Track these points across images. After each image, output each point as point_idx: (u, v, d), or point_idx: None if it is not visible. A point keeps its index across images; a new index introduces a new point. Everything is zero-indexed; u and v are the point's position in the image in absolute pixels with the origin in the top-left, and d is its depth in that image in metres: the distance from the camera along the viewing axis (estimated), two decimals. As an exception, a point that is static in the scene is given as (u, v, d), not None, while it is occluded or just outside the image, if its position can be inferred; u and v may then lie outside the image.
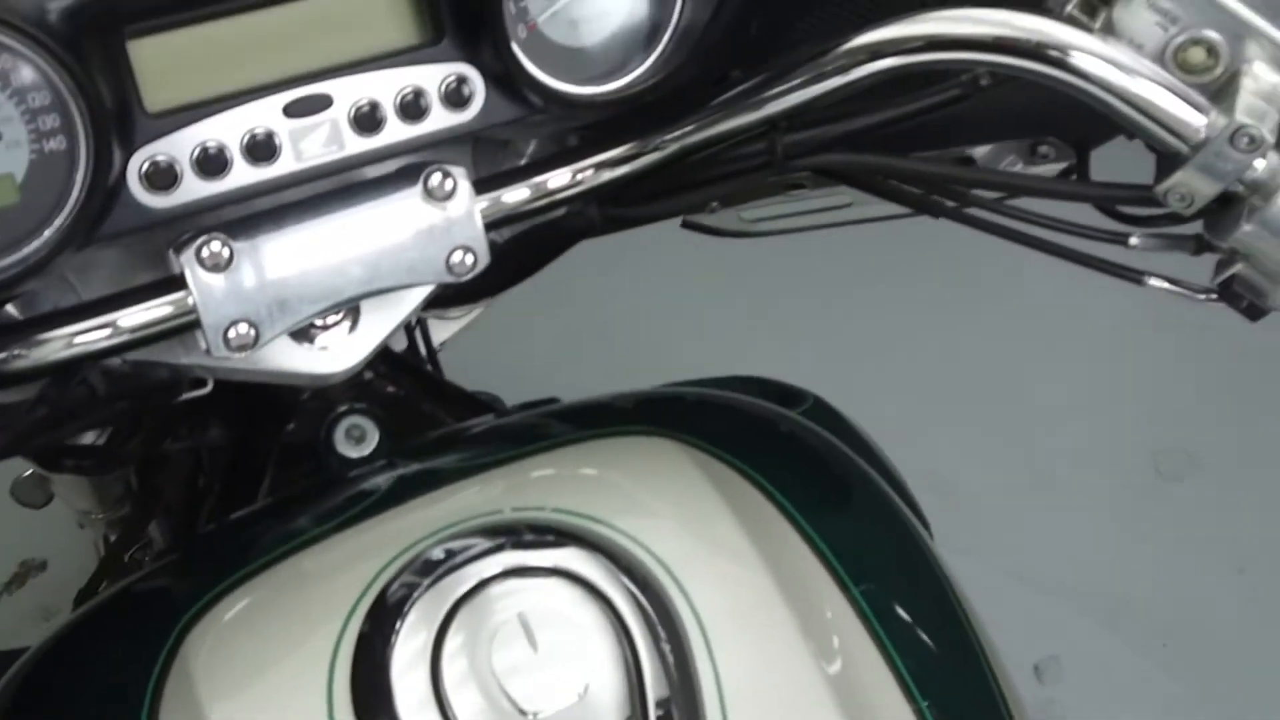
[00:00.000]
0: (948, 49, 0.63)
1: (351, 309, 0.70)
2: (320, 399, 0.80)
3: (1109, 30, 0.63)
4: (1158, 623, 2.08)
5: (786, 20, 0.73)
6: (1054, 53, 0.62)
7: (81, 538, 1.54)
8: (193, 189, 0.62)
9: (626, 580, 0.61)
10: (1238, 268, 0.64)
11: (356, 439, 0.79)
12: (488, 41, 0.63)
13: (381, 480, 0.70)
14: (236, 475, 0.84)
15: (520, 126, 0.70)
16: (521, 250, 0.80)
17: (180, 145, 0.61)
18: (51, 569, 2.01)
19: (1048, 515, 2.17)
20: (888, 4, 0.72)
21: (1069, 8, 0.64)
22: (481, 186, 0.68)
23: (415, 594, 0.59)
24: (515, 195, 0.69)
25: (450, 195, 0.66)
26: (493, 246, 0.70)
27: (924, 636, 0.69)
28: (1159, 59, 0.62)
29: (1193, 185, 0.62)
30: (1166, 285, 0.70)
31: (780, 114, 0.69)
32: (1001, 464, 2.28)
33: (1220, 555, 2.17)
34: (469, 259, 0.67)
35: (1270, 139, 0.60)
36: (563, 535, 0.63)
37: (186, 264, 0.61)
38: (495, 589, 0.60)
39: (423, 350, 0.97)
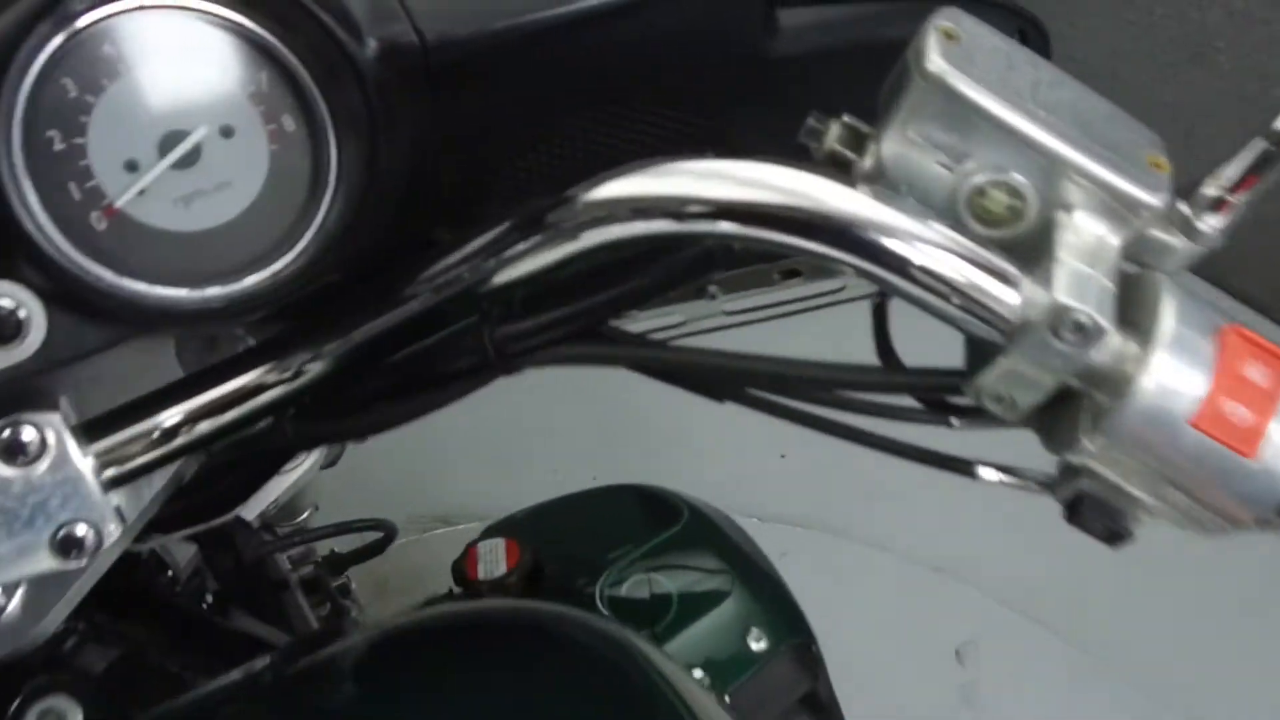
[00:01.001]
0: (683, 216, 0.46)
1: None
2: (4, 673, 0.63)
3: (878, 175, 0.46)
4: (1061, 599, 2.14)
5: (486, 168, 0.55)
6: (817, 221, 0.45)
7: None
8: None
9: None
10: (1084, 483, 0.47)
11: (52, 729, 0.63)
12: (21, 252, 0.46)
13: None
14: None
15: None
16: (217, 473, 0.63)
17: None
18: None
19: (963, 510, 2.09)
20: (614, 146, 0.55)
21: (829, 141, 0.47)
22: (92, 433, 0.51)
23: None
24: (141, 440, 0.52)
25: (39, 454, 0.49)
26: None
27: None
28: (949, 211, 0.46)
29: (1012, 384, 0.46)
30: (1003, 478, 0.54)
31: (484, 297, 0.52)
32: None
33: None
34: (89, 534, 0.50)
35: (1105, 323, 0.44)
36: None
37: None
38: None
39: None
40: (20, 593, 0.54)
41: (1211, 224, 0.46)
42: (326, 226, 0.51)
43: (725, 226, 0.46)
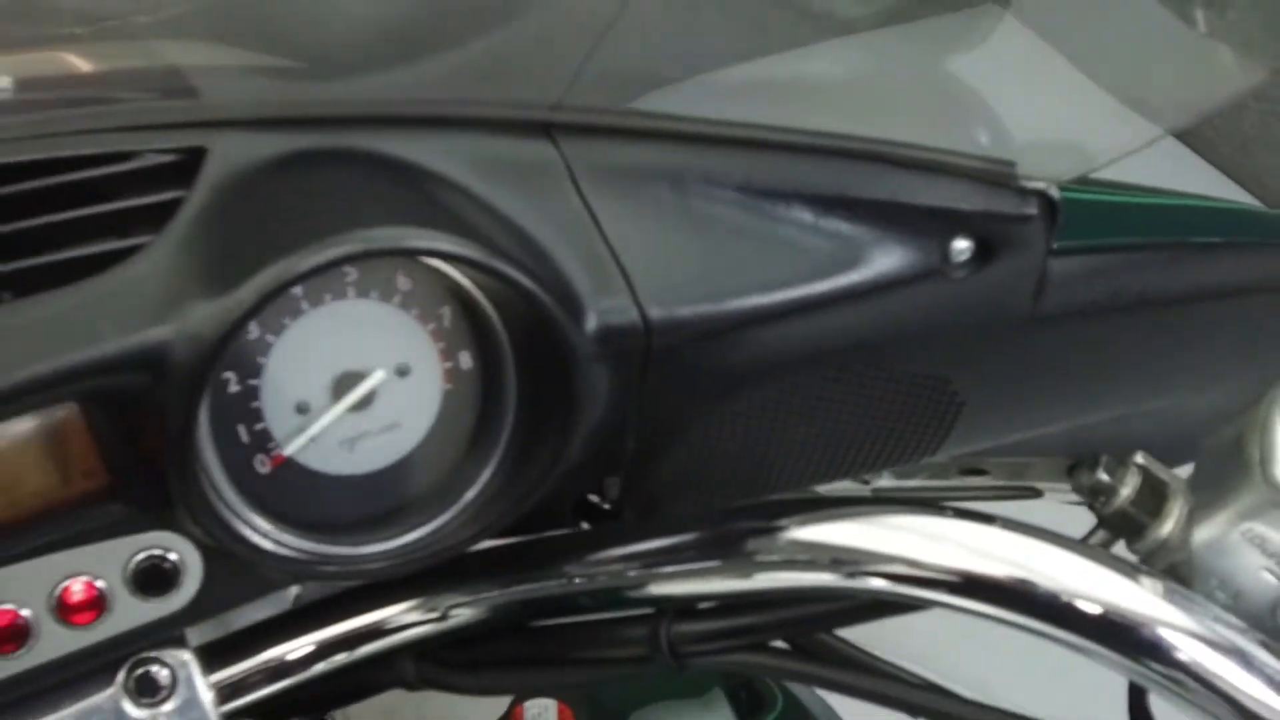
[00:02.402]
0: (907, 582, 0.41)
1: None
2: None
3: (1180, 551, 0.40)
4: None
5: (681, 429, 0.49)
6: (1102, 620, 0.39)
7: None
8: None
9: None
10: None
11: None
12: (186, 510, 0.41)
13: None
14: None
15: None
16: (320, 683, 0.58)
17: None
18: None
19: None
20: (825, 407, 0.50)
21: (1124, 495, 0.41)
22: (217, 658, 0.47)
23: None
24: (269, 668, 0.48)
25: (169, 692, 0.45)
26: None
27: None
28: (1263, 617, 0.40)
29: None
30: None
31: (661, 599, 0.47)
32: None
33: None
34: None
35: None
36: None
37: None
38: None
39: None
40: None
41: None
42: (493, 484, 0.46)
43: (963, 603, 0.40)
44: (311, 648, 0.48)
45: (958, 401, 0.51)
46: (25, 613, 0.42)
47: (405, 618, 0.48)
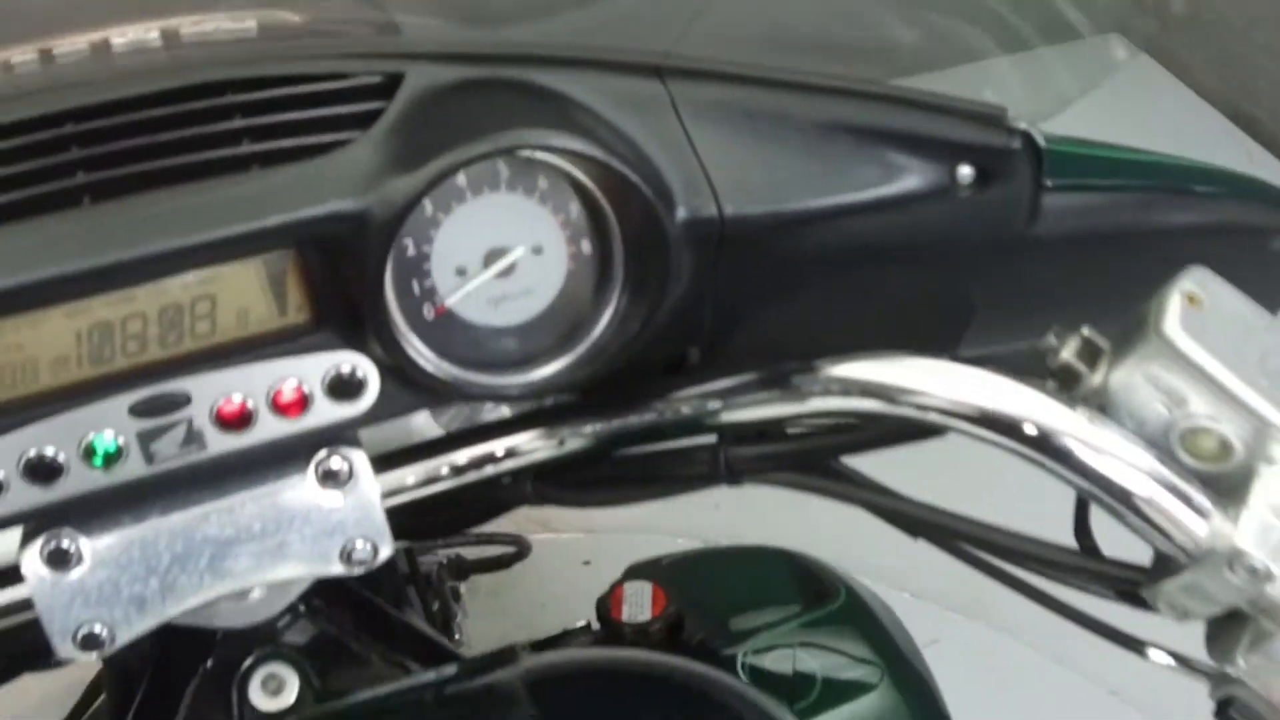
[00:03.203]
0: (910, 405, 0.54)
1: None
2: (238, 639, 0.75)
3: (1103, 395, 0.52)
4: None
5: (749, 309, 0.63)
6: (1034, 433, 0.52)
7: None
8: (19, 497, 0.55)
9: None
10: (1238, 690, 0.53)
11: (273, 690, 0.73)
12: (374, 335, 0.56)
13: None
14: (155, 702, 0.79)
15: None
16: (453, 505, 0.73)
17: (5, 450, 0.54)
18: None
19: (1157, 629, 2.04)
20: (861, 301, 0.62)
21: (1065, 355, 0.53)
22: (383, 465, 0.61)
23: None
24: (421, 476, 0.62)
25: (346, 480, 0.59)
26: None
27: None
28: (1160, 440, 0.51)
29: (1185, 599, 0.51)
30: (1170, 661, 0.59)
31: (725, 426, 0.60)
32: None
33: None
34: (367, 550, 0.60)
35: (1277, 571, 0.49)
36: None
37: (27, 564, 0.56)
38: None
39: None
40: None
41: None
42: (602, 341, 0.60)
43: (949, 421, 0.53)
44: (459, 462, 0.62)
45: (969, 305, 0.64)
46: (251, 404, 0.57)
47: (531, 444, 0.62)
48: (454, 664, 0.76)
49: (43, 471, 0.54)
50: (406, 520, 0.69)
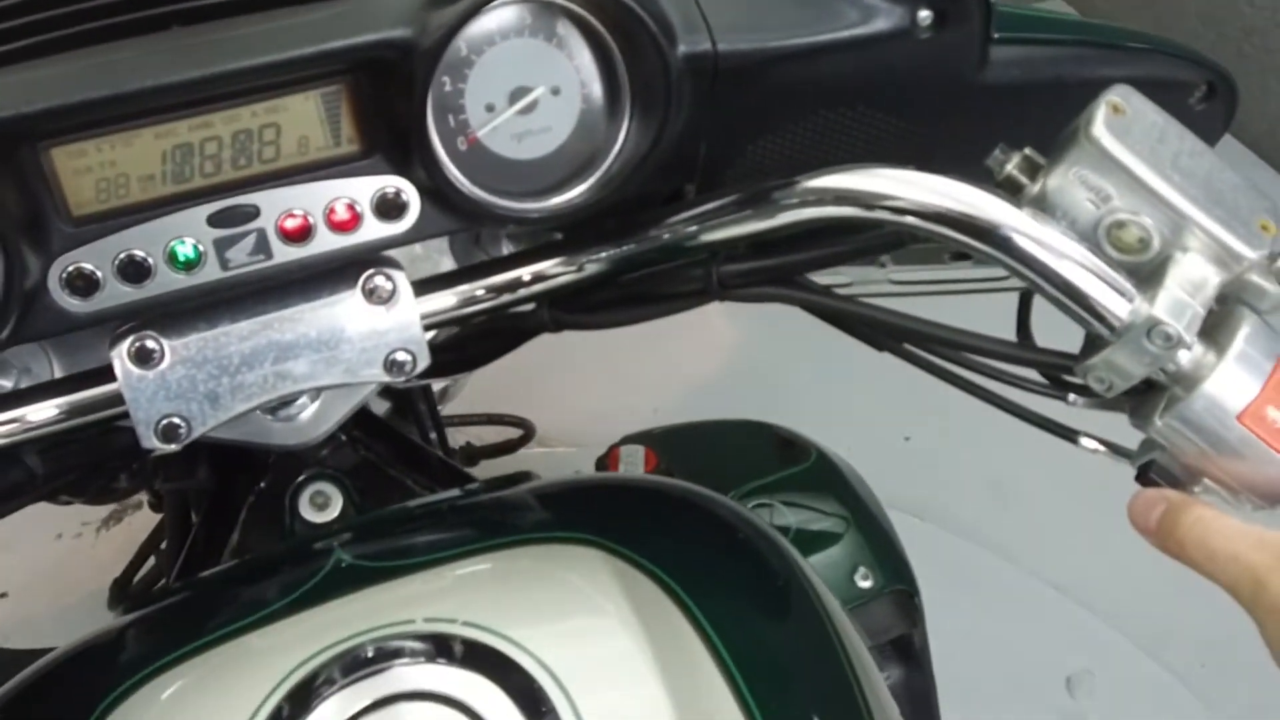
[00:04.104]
0: (879, 208, 0.63)
1: None
2: (290, 460, 0.84)
3: (1042, 200, 0.61)
4: (1197, 645, 2.03)
5: (735, 146, 0.72)
6: (983, 227, 0.61)
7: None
8: (115, 294, 0.64)
9: (515, 709, 0.63)
10: (1157, 454, 0.63)
11: (320, 505, 0.83)
12: (418, 158, 0.64)
13: (320, 567, 0.73)
14: (214, 521, 0.88)
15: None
16: (479, 338, 0.82)
17: (102, 253, 0.63)
18: (13, 598, 2.06)
19: (1097, 527, 2.14)
20: (836, 139, 0.71)
21: (1009, 168, 0.62)
22: (421, 288, 0.70)
23: (300, 717, 0.62)
24: (454, 299, 0.71)
25: (390, 298, 0.68)
26: (444, 339, 0.71)
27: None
28: (1090, 235, 0.61)
29: (1112, 371, 0.61)
30: (1100, 447, 0.69)
31: (717, 243, 0.69)
32: (1060, 472, 2.25)
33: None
34: (408, 360, 0.69)
35: (1188, 338, 0.58)
36: (466, 655, 0.65)
37: (117, 360, 0.65)
38: (381, 713, 0.62)
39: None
40: (318, 400, 0.75)
41: None
42: (611, 171, 0.69)
43: (911, 221, 0.62)
44: (489, 285, 0.71)
45: (930, 144, 0.74)
46: (310, 219, 0.65)
47: (552, 269, 0.71)
48: (475, 483, 0.85)
49: (133, 272, 0.63)
50: (444, 356, 0.78)
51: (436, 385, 1.18)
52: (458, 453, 1.40)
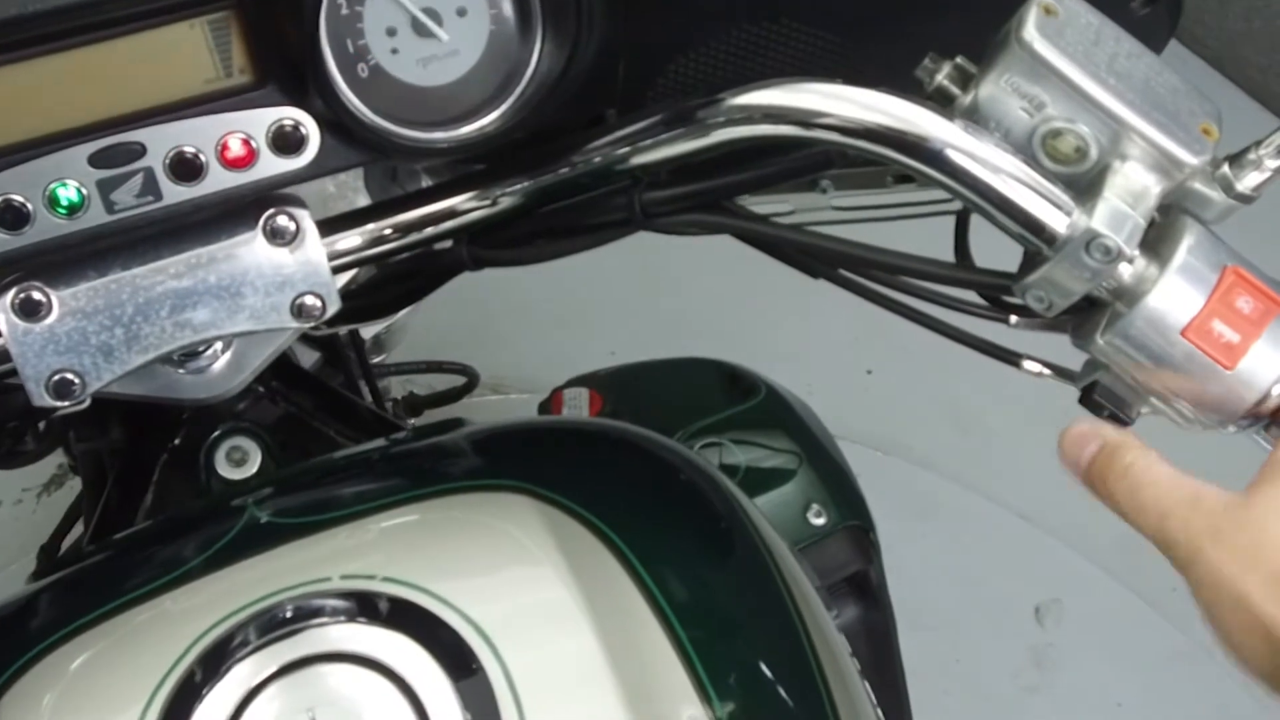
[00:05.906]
0: (807, 125, 0.59)
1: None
2: (205, 415, 0.80)
3: (974, 110, 0.58)
4: (1168, 568, 2.03)
5: (655, 65, 0.68)
6: (913, 141, 0.57)
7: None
8: None
9: (439, 670, 0.60)
10: (1100, 374, 0.60)
11: (237, 461, 0.79)
12: (314, 87, 0.60)
13: (234, 525, 0.69)
14: (128, 482, 0.85)
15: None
16: (397, 280, 0.78)
17: None
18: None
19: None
20: (759, 57, 0.68)
21: (939, 78, 0.59)
22: (328, 228, 0.66)
23: (212, 681, 0.59)
24: (363, 238, 0.67)
25: (294, 239, 0.64)
26: (361, 283, 0.68)
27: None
28: (1025, 146, 0.58)
29: (1051, 288, 0.58)
30: (1043, 370, 0.66)
31: (639, 168, 0.65)
32: (1025, 400, 2.23)
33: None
34: (317, 305, 0.65)
35: (1129, 251, 0.55)
36: (389, 614, 0.62)
37: (1, 313, 0.61)
38: (296, 676, 0.59)
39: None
40: (230, 350, 0.71)
41: (1248, 184, 0.57)
42: (525, 96, 0.65)
43: (839, 138, 0.58)
44: (399, 223, 0.67)
45: (858, 60, 0.70)
46: (202, 156, 0.61)
47: (466, 204, 0.67)
48: (403, 432, 0.82)
49: (11, 218, 0.59)
50: (361, 300, 0.74)
51: (367, 333, 1.14)
52: (400, 403, 1.36)
